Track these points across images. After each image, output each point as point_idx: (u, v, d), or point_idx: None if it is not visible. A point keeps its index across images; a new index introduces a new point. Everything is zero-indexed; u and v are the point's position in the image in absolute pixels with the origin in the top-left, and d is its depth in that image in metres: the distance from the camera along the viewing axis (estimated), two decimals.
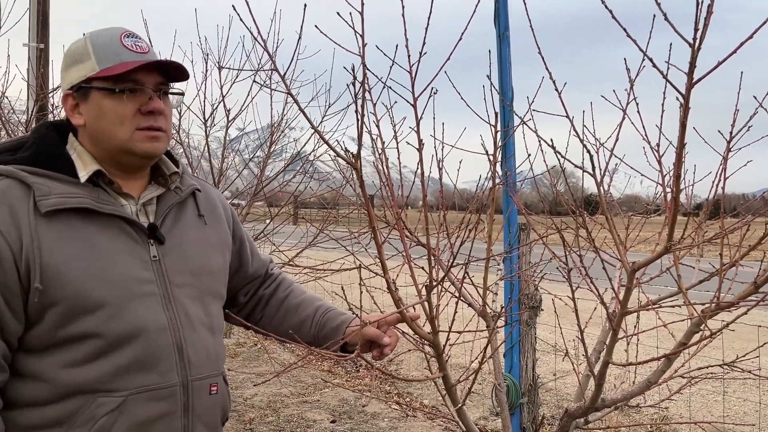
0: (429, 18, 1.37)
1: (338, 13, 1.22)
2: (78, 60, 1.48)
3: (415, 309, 1.73)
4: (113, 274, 1.40)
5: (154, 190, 1.57)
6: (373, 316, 1.74)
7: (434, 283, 1.63)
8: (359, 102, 1.33)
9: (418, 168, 1.67)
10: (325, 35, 1.29)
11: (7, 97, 4.94)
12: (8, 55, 4.73)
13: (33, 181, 1.39)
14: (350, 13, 1.28)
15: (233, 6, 1.34)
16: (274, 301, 1.85)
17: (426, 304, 1.66)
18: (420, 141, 1.49)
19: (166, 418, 1.44)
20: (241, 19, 1.31)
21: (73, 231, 1.39)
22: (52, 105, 5.24)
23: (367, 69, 1.30)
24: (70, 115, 1.50)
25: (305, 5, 1.30)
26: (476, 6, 1.47)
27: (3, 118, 4.77)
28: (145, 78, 1.46)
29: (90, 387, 1.37)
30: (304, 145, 5.42)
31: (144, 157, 1.49)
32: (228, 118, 4.95)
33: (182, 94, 1.59)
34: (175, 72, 1.50)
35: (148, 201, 1.55)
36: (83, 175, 1.44)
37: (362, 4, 1.23)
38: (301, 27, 1.37)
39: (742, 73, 1.64)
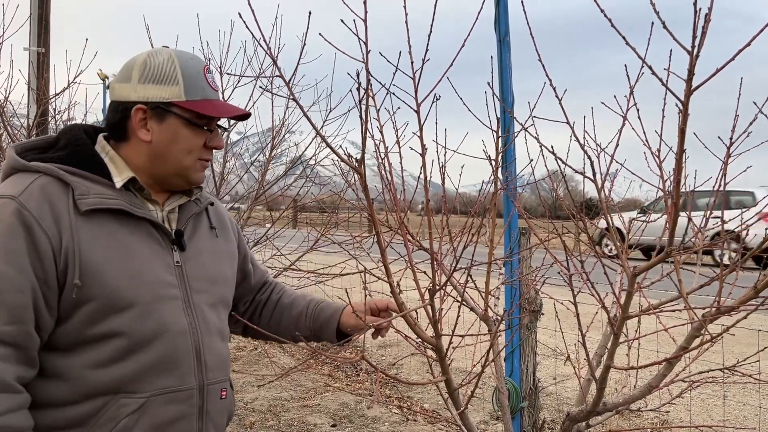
0: (432, 25, 1.38)
1: (342, 21, 1.23)
2: (162, 80, 1.50)
3: (417, 313, 1.75)
4: (144, 275, 1.45)
5: (177, 199, 1.61)
6: (365, 302, 1.80)
7: (437, 287, 1.64)
8: (363, 108, 1.35)
9: (420, 173, 1.68)
10: (330, 43, 1.31)
11: (10, 102, 4.96)
12: (11, 60, 4.74)
13: (72, 180, 1.42)
14: (354, 20, 1.29)
15: (239, 13, 1.36)
16: (269, 304, 1.91)
17: (429, 308, 1.67)
18: (423, 146, 1.50)
19: (184, 420, 1.48)
20: (246, 26, 1.32)
21: (109, 231, 1.43)
22: (54, 109, 5.26)
23: (371, 76, 1.32)
24: (137, 127, 1.51)
25: (310, 13, 1.31)
26: (478, 13, 1.48)
27: (5, 122, 4.79)
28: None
29: (114, 387, 1.40)
30: (305, 150, 5.43)
31: (193, 184, 1.58)
32: (229, 123, 4.96)
33: (226, 129, 1.71)
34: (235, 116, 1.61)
35: (171, 209, 1.60)
36: (118, 181, 1.49)
37: (365, 11, 1.25)
38: (305, 34, 1.38)
39: (741, 79, 1.66)
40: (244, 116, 1.63)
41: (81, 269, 1.36)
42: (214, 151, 1.60)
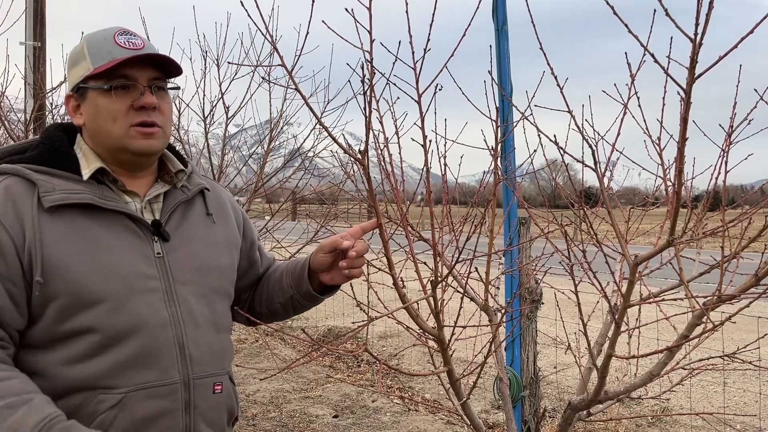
0: (433, 15, 1.37)
1: (347, 9, 1.23)
2: (76, 62, 1.50)
3: (418, 304, 1.74)
4: (115, 268, 1.41)
5: (159, 188, 1.57)
6: (332, 238, 1.65)
7: (439, 279, 1.64)
8: (366, 99, 1.34)
9: (421, 165, 1.68)
10: (334, 32, 1.31)
11: (7, 97, 4.94)
12: (7, 55, 4.72)
13: (37, 177, 1.41)
14: (352, 9, 1.29)
15: (241, 2, 1.35)
16: (263, 280, 1.86)
17: (431, 299, 1.67)
18: (425, 137, 1.49)
19: (167, 416, 1.44)
20: (249, 15, 1.32)
21: (76, 226, 1.40)
22: (51, 104, 5.24)
23: (375, 69, 1.31)
24: (72, 115, 1.53)
25: (313, 1, 1.31)
26: (479, 3, 1.47)
27: (2, 117, 4.77)
28: (138, 74, 1.46)
29: (90, 383, 1.38)
30: (304, 141, 5.41)
31: (139, 155, 1.49)
32: (227, 115, 4.94)
33: (178, 88, 1.58)
34: (169, 67, 1.50)
35: (155, 198, 1.56)
36: (86, 173, 1.46)
37: (370, 0, 1.24)
38: (309, 23, 1.38)
39: (741, 66, 1.65)
40: (171, 66, 1.49)
41: (43, 266, 1.35)
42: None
